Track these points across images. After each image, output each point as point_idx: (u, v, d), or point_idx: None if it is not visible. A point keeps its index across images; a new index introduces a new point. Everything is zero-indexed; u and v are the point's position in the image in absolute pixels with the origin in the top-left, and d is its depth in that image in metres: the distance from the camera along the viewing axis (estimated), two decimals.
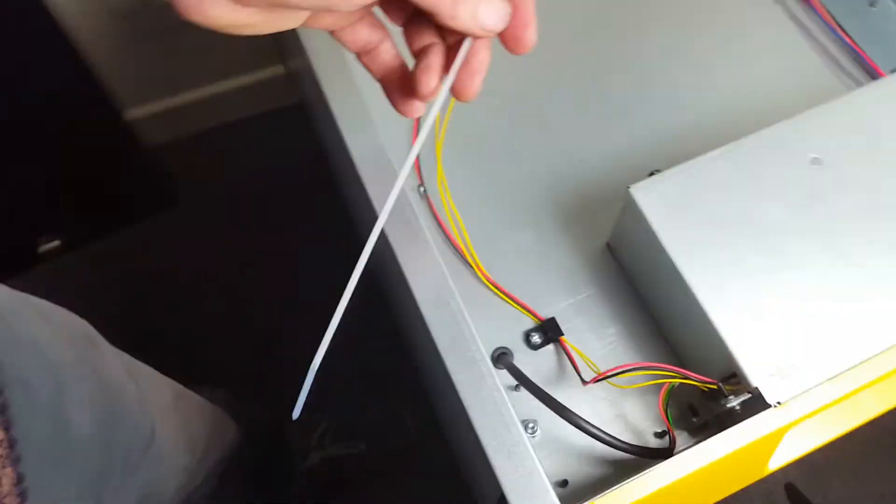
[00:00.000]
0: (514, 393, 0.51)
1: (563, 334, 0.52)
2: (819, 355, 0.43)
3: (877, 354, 0.43)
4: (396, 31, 0.38)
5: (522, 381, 0.49)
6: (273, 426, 1.01)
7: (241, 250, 1.18)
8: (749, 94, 0.62)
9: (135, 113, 1.14)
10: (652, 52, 0.65)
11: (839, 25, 0.60)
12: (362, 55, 0.38)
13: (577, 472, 0.49)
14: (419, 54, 0.36)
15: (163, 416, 0.60)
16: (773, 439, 0.44)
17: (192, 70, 1.15)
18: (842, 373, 0.42)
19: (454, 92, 0.37)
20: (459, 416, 0.45)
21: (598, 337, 0.53)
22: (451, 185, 0.57)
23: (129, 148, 1.13)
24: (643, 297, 0.53)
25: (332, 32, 0.37)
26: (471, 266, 0.54)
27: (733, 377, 0.44)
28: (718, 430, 0.42)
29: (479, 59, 0.36)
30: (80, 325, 0.53)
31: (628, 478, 0.41)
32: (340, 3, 0.30)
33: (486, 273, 0.54)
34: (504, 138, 0.61)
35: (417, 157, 0.58)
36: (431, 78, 0.35)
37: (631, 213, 0.47)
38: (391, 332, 0.87)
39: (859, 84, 0.57)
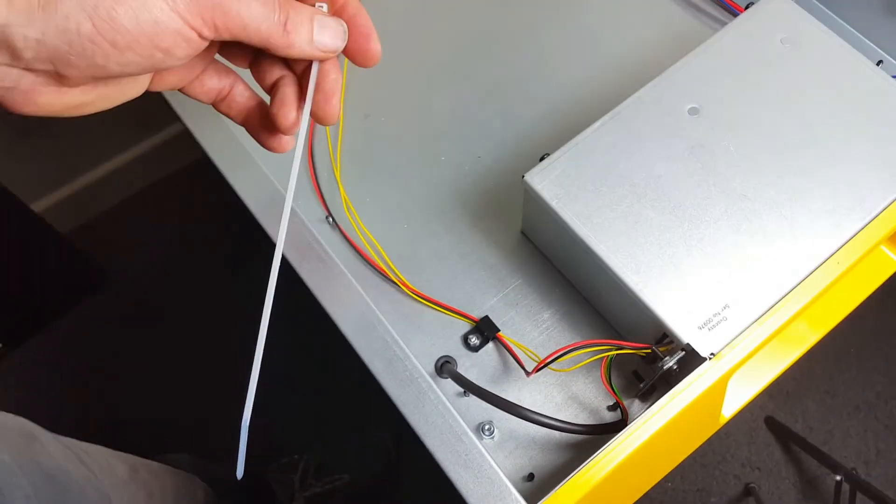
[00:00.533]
0: (465, 399, 0.51)
1: (499, 330, 0.52)
2: (741, 298, 0.43)
3: (796, 285, 0.43)
4: (246, 72, 0.38)
5: (467, 386, 0.48)
6: (246, 479, 0.99)
7: (179, 314, 1.17)
8: (621, 56, 0.62)
9: (42, 204, 1.11)
10: (516, 38, 0.65)
11: None
12: (218, 104, 0.38)
13: (541, 463, 0.49)
14: (272, 90, 0.36)
15: (119, 491, 0.60)
16: (717, 390, 0.44)
17: (84, 151, 1.13)
18: (767, 311, 0.43)
19: (315, 118, 0.36)
20: None
21: (534, 325, 0.53)
22: (358, 208, 0.57)
23: (45, 238, 1.10)
24: (566, 276, 0.53)
25: (181, 90, 0.36)
26: (395, 283, 0.54)
27: (665, 338, 0.45)
28: (666, 391, 0.43)
29: (330, 80, 0.36)
30: (14, 423, 0.53)
31: (589, 457, 0.42)
32: (164, 60, 0.30)
33: (412, 287, 0.54)
34: (399, 152, 0.60)
35: (319, 189, 0.58)
36: (289, 111, 0.35)
37: (531, 200, 0.48)
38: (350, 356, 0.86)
39: (723, 24, 0.58)
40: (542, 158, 0.48)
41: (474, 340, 0.52)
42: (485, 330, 0.52)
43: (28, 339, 1.17)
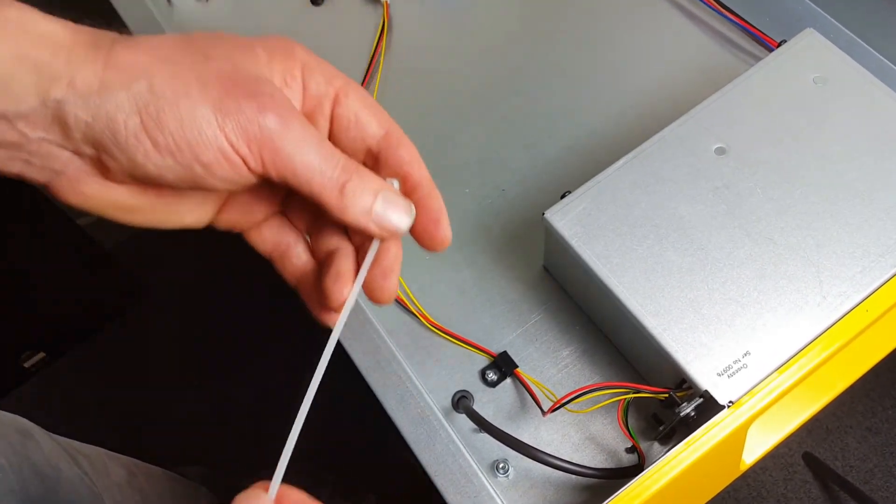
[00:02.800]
0: (481, 434, 0.50)
1: (517, 366, 0.51)
2: (763, 346, 0.42)
3: (820, 334, 0.42)
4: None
5: (482, 424, 0.48)
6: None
7: (219, 330, 1.18)
8: (650, 92, 0.61)
9: (86, 219, 1.14)
10: (544, 72, 0.64)
11: (722, 5, 0.60)
12: (275, 259, 0.36)
13: (557, 502, 0.48)
14: (326, 260, 0.34)
15: (113, 493, 0.61)
16: (737, 438, 0.43)
17: None
18: (789, 360, 0.42)
19: (369, 294, 0.33)
20: None
21: (553, 362, 0.52)
22: None
23: (89, 252, 1.13)
24: (587, 313, 0.52)
25: (242, 234, 0.35)
26: (415, 315, 0.54)
27: (684, 383, 0.44)
28: (685, 435, 0.42)
29: (390, 255, 0.33)
30: (11, 421, 0.55)
31: (606, 499, 0.41)
32: (205, 177, 0.29)
33: (432, 319, 0.54)
34: None
35: None
36: (342, 287, 0.32)
37: (552, 238, 0.47)
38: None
39: (757, 59, 0.57)
40: (563, 195, 0.47)
41: (492, 376, 0.52)
42: (503, 366, 0.52)
43: (69, 351, 1.20)
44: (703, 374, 0.42)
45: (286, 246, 0.35)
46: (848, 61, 0.49)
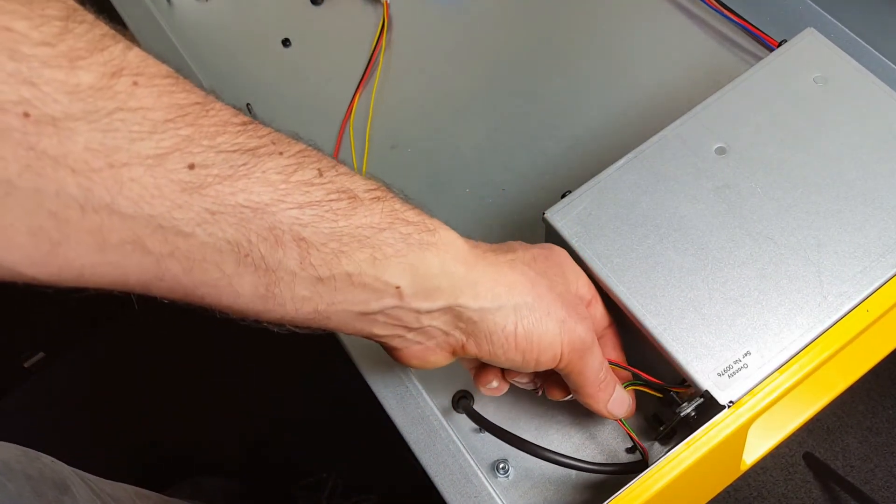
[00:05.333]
0: (482, 434, 0.50)
1: None
2: (763, 346, 0.42)
3: (821, 333, 0.42)
4: None
5: (482, 423, 0.48)
6: (273, 498, 1.01)
7: (226, 333, 1.18)
8: (650, 91, 0.61)
9: None
10: (544, 71, 0.64)
11: (723, 5, 0.60)
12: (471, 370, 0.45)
13: (557, 502, 0.48)
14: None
15: None
16: (737, 438, 0.43)
17: None
18: (790, 359, 0.42)
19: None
20: None
21: None
22: None
23: None
24: None
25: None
26: None
27: (685, 382, 0.43)
28: (686, 435, 0.42)
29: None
30: (50, 473, 0.54)
31: (607, 498, 0.41)
32: (526, 367, 0.39)
33: None
34: (424, 183, 0.60)
35: None
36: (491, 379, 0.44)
37: (552, 237, 0.47)
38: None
39: (757, 58, 0.57)
40: (564, 195, 0.47)
41: None
42: None
43: (69, 351, 1.20)
44: (704, 373, 0.42)
45: (486, 371, 0.44)
46: (849, 61, 0.49)
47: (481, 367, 0.43)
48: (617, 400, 0.42)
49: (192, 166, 0.26)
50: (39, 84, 0.22)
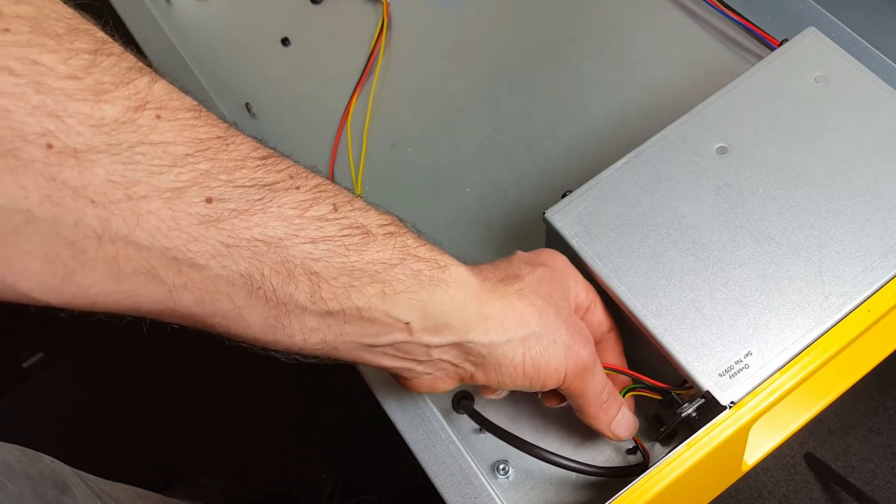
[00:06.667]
0: (482, 435, 0.50)
1: None
2: (765, 346, 0.42)
3: (823, 334, 0.42)
4: None
5: (482, 423, 0.48)
6: (273, 499, 1.00)
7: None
8: (651, 91, 0.61)
9: None
10: (544, 71, 0.64)
11: (724, 4, 0.60)
12: None
13: (557, 503, 0.48)
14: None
15: None
16: (739, 438, 0.43)
17: None
18: (791, 360, 0.41)
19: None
20: None
21: None
22: None
23: None
24: None
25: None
26: None
27: (686, 383, 0.43)
28: (687, 436, 0.42)
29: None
30: (50, 473, 0.53)
31: (608, 499, 0.41)
32: (531, 389, 0.40)
33: None
34: (424, 183, 0.60)
35: None
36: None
37: (552, 237, 0.47)
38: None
39: (758, 57, 0.57)
40: (564, 195, 0.47)
41: None
42: None
43: (69, 351, 1.20)
44: (705, 374, 0.42)
45: None
46: (850, 60, 0.49)
47: None
48: (621, 422, 0.43)
49: (209, 200, 0.26)
50: (64, 117, 0.23)
